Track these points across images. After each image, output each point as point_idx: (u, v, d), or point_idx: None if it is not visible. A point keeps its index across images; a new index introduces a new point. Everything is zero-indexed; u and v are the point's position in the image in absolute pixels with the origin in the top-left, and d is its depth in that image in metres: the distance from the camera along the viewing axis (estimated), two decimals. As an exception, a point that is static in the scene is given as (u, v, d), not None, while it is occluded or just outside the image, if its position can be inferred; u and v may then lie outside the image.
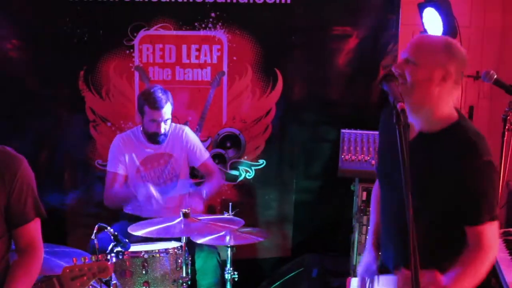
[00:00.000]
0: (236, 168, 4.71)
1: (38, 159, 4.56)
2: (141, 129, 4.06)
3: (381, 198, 2.65)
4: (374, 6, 4.54)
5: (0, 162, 2.41)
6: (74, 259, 2.33)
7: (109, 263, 2.32)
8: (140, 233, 3.32)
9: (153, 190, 3.86)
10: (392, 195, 2.51)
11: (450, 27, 4.24)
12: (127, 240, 3.30)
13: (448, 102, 2.31)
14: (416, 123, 2.38)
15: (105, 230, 3.37)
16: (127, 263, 3.28)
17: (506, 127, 3.58)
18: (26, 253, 2.46)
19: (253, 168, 4.72)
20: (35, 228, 2.50)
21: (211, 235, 3.44)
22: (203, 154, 4.21)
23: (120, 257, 3.27)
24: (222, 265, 3.82)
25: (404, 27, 4.55)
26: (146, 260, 3.28)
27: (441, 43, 2.37)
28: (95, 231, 3.38)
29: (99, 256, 2.34)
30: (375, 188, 2.85)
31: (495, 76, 3.60)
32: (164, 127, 3.98)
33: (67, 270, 2.28)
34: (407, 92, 2.23)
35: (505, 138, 3.60)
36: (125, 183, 4.10)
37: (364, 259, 2.63)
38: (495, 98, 5.34)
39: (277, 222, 4.75)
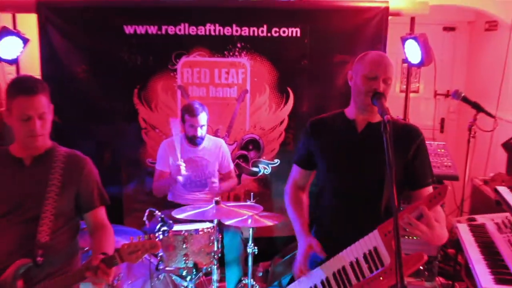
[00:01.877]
0: (256, 166, 4.71)
1: (102, 158, 4.59)
2: (184, 134, 4.07)
3: (330, 185, 2.61)
4: (366, 38, 4.50)
5: (70, 163, 2.42)
6: (131, 238, 2.32)
7: (158, 240, 2.30)
8: (182, 216, 3.36)
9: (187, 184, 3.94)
10: (341, 180, 2.54)
11: (427, 56, 4.23)
12: (171, 221, 3.32)
13: None
14: (368, 117, 2.49)
15: (154, 214, 3.41)
16: (171, 239, 3.26)
17: (471, 135, 3.56)
18: (99, 230, 2.47)
19: (269, 165, 4.72)
20: (101, 213, 2.51)
21: (236, 218, 3.44)
22: (229, 165, 4.28)
23: (166, 235, 3.28)
24: (245, 241, 3.82)
25: (389, 55, 4.50)
26: (186, 237, 3.27)
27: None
28: (146, 215, 3.41)
29: (150, 235, 2.33)
30: (290, 188, 2.87)
31: (463, 94, 3.59)
32: (201, 132, 4.01)
33: (125, 246, 2.26)
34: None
35: (469, 144, 3.59)
36: (168, 178, 4.11)
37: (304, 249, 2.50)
38: (462, 112, 5.31)
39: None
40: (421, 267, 3.67)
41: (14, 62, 4.56)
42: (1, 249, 2.31)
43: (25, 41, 4.42)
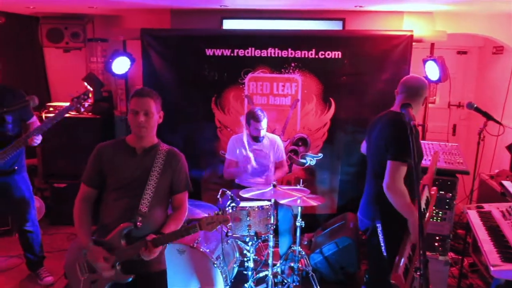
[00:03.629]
0: (304, 158, 4.66)
1: (185, 150, 4.60)
2: (248, 133, 4.07)
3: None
4: (393, 60, 4.37)
5: (169, 156, 2.46)
6: (209, 213, 2.35)
7: (228, 216, 2.34)
8: (247, 195, 3.37)
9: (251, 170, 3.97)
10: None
11: (444, 74, 4.09)
12: (238, 199, 3.33)
13: None
14: None
15: (225, 193, 3.43)
16: (238, 213, 3.30)
17: (481, 138, 3.42)
18: (177, 209, 2.51)
19: (315, 158, 4.66)
20: (184, 196, 2.53)
21: (288, 198, 3.42)
22: (282, 156, 4.23)
23: (234, 209, 3.31)
24: (294, 217, 3.80)
25: (412, 73, 4.38)
26: (249, 212, 3.30)
27: None
28: (219, 193, 3.44)
29: (223, 211, 2.34)
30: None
31: (475, 105, 3.44)
32: (263, 132, 4.00)
33: (204, 219, 2.31)
34: None
35: (479, 145, 3.44)
36: (236, 166, 4.13)
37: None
38: (471, 119, 5.10)
39: (328, 192, 4.67)
40: (436, 244, 3.54)
41: (124, 76, 4.71)
42: (112, 215, 2.38)
43: (132, 60, 4.55)
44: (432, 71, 4.18)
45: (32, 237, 3.71)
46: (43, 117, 4.70)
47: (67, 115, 3.45)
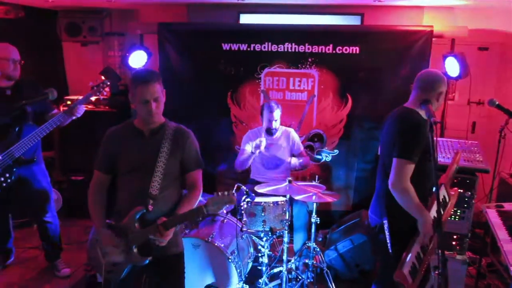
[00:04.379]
0: (320, 154, 4.63)
1: (200, 145, 4.63)
2: (262, 127, 4.05)
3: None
4: (412, 56, 4.32)
5: (177, 134, 2.46)
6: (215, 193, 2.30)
7: (233, 195, 2.24)
8: (262, 190, 3.35)
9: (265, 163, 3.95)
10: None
11: (465, 70, 3.99)
12: (253, 194, 3.32)
13: None
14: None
15: (240, 188, 3.42)
16: (253, 208, 3.28)
17: (501, 136, 3.35)
18: (191, 189, 2.49)
19: (330, 154, 4.63)
20: (197, 174, 2.50)
21: (304, 194, 3.39)
22: (300, 147, 4.16)
23: (249, 204, 3.30)
24: (309, 213, 3.78)
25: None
26: (264, 207, 3.27)
27: None
28: (234, 188, 3.42)
29: (230, 192, 2.27)
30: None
31: (497, 103, 3.36)
32: (275, 124, 3.96)
33: (210, 200, 2.26)
34: None
35: (500, 143, 3.38)
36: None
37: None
38: (492, 117, 5.00)
39: (344, 189, 4.64)
40: (453, 243, 3.49)
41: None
42: (124, 199, 2.41)
43: (149, 54, 4.55)
44: (452, 67, 4.10)
45: (51, 228, 3.75)
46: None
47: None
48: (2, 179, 3.35)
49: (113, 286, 2.40)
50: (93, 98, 3.87)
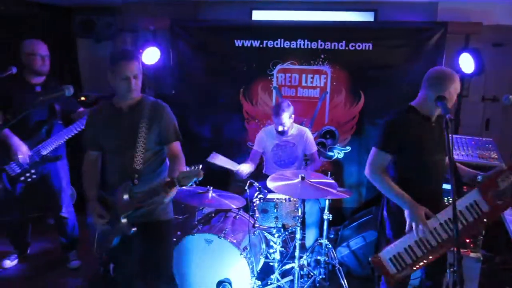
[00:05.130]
0: (332, 151, 4.62)
1: (213, 140, 4.68)
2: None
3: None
4: (426, 52, 4.28)
5: (155, 108, 2.54)
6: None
7: (201, 170, 2.23)
8: (274, 185, 3.31)
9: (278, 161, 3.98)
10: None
11: (479, 67, 3.94)
12: (266, 191, 3.32)
13: None
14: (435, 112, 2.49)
15: (253, 184, 3.43)
16: (265, 205, 3.29)
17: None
18: (173, 160, 2.52)
19: (342, 151, 4.61)
20: (176, 146, 2.57)
21: (316, 193, 3.36)
22: (313, 148, 4.12)
23: (261, 201, 3.30)
24: (322, 209, 3.77)
25: (445, 66, 4.25)
26: (277, 204, 3.28)
27: None
28: (247, 184, 3.44)
29: (197, 167, 2.26)
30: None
31: (512, 99, 3.32)
32: (282, 128, 3.92)
33: (180, 174, 2.25)
34: None
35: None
36: (258, 158, 4.15)
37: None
38: (508, 113, 4.94)
39: (356, 185, 4.62)
40: (467, 240, 3.46)
41: (152, 67, 4.74)
42: (111, 173, 2.56)
43: (162, 51, 4.58)
44: (467, 63, 4.06)
45: (67, 223, 3.81)
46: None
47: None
48: (28, 174, 3.45)
49: (108, 257, 2.64)
50: None
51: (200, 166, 2.24)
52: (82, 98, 4.97)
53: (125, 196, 2.42)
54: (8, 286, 3.56)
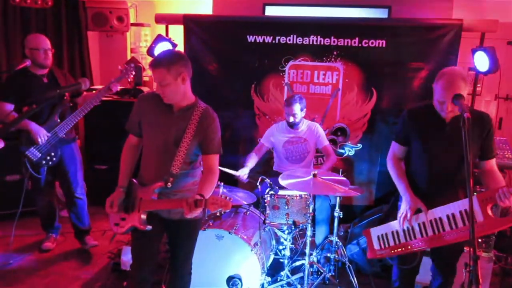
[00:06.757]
0: (343, 148, 4.60)
1: (224, 136, 4.65)
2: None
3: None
4: (441, 50, 4.22)
5: (204, 117, 2.47)
6: (231, 197, 2.25)
7: (230, 202, 2.21)
8: (285, 183, 3.30)
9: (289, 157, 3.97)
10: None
11: (494, 65, 3.89)
12: (277, 187, 3.32)
13: None
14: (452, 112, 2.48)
15: (264, 180, 3.42)
16: (276, 201, 3.29)
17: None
18: (207, 173, 2.49)
19: (353, 149, 4.59)
20: (214, 158, 2.52)
21: (326, 190, 3.35)
22: (325, 141, 4.09)
23: (272, 197, 3.30)
24: (332, 207, 3.76)
25: (460, 64, 4.22)
26: (288, 200, 3.27)
27: None
28: (258, 181, 3.44)
29: (227, 197, 2.24)
30: (392, 158, 2.81)
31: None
32: (293, 119, 3.90)
33: (211, 199, 2.24)
34: None
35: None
36: (263, 152, 4.13)
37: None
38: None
39: (367, 183, 4.60)
40: (479, 240, 3.44)
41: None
42: (147, 170, 2.52)
43: (174, 45, 4.57)
44: (481, 61, 4.01)
45: (81, 204, 3.98)
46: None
47: (108, 98, 3.78)
48: (48, 158, 3.62)
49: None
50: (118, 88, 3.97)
51: (231, 199, 2.22)
52: (94, 92, 5.00)
53: (153, 196, 2.43)
54: (20, 279, 3.59)
